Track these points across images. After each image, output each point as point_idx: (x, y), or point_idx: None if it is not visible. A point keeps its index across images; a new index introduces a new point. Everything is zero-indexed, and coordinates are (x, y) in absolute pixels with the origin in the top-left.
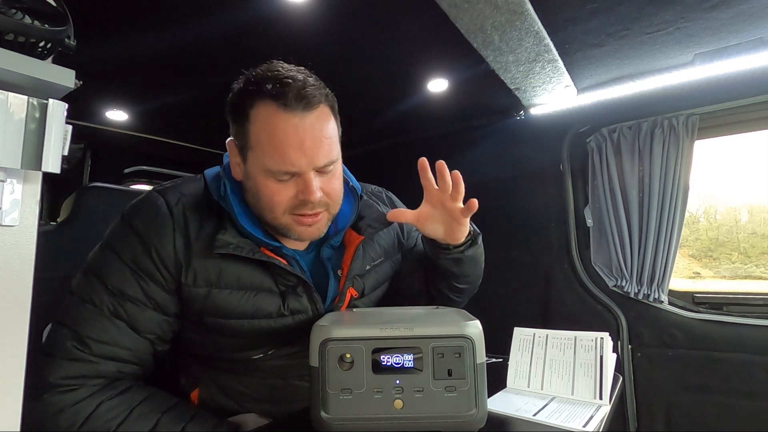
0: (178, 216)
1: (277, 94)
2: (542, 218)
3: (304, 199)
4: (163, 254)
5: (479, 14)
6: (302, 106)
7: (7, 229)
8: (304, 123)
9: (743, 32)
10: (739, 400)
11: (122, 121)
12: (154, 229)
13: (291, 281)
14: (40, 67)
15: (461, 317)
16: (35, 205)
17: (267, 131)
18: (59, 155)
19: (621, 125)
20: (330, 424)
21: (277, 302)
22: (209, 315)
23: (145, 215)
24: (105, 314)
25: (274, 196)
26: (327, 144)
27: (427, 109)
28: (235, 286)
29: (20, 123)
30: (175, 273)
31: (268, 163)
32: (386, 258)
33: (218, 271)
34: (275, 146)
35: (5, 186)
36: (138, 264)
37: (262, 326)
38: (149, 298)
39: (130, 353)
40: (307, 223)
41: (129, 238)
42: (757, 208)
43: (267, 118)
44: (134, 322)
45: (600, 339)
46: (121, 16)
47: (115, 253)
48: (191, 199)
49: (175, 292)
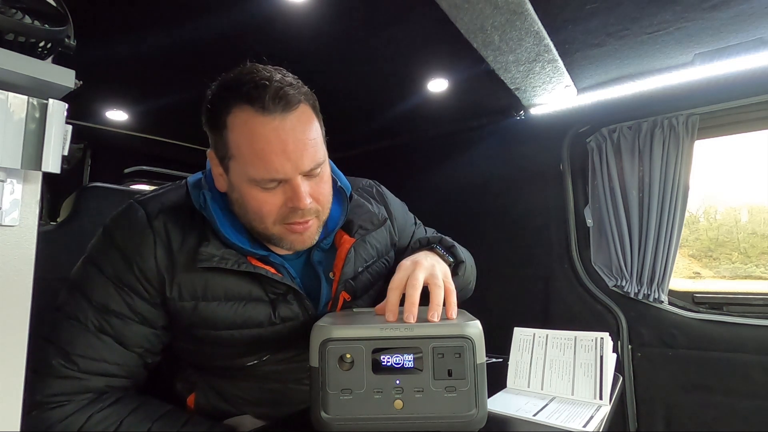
0: (159, 228)
1: (254, 97)
2: (542, 218)
3: (293, 207)
4: (144, 268)
5: (479, 14)
6: (281, 108)
7: (7, 229)
8: (284, 125)
9: (743, 32)
10: (739, 400)
11: (122, 121)
12: (133, 242)
13: (280, 289)
14: (40, 67)
15: (461, 317)
16: (35, 205)
17: (246, 138)
18: (59, 155)
19: (621, 125)
20: (330, 425)
21: (267, 311)
22: (198, 327)
23: (125, 228)
24: (90, 330)
25: (263, 206)
26: (312, 146)
27: (427, 109)
28: (222, 297)
29: (20, 123)
30: (159, 287)
31: (251, 171)
32: (379, 257)
33: (204, 283)
34: (257, 153)
35: (5, 186)
36: (120, 278)
37: (253, 335)
38: (135, 312)
39: (119, 368)
40: (298, 231)
41: (110, 252)
42: (757, 208)
43: (245, 124)
44: (121, 337)
45: (600, 339)
46: (120, 16)
47: (97, 267)
48: (172, 209)
49: (161, 306)
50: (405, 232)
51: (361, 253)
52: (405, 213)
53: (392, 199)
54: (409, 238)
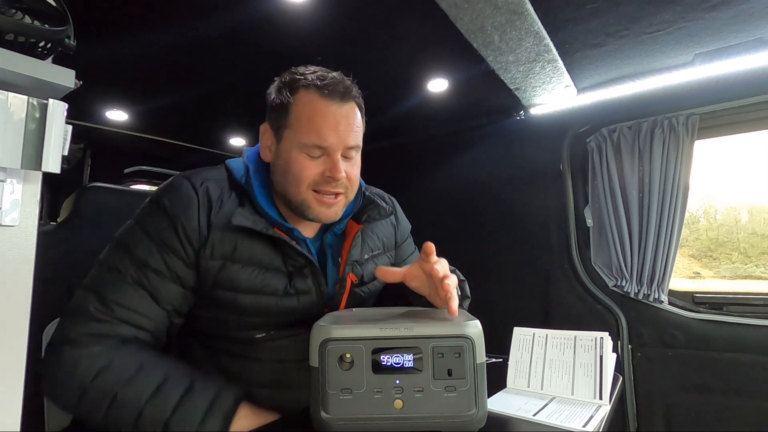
0: (202, 195)
1: (321, 84)
2: (542, 218)
3: (330, 176)
4: (188, 228)
5: (479, 14)
6: (340, 97)
7: (7, 229)
8: (340, 110)
9: (743, 32)
10: (739, 400)
11: (122, 121)
12: (181, 205)
13: (299, 262)
14: (40, 67)
15: (461, 317)
16: (35, 205)
17: (308, 112)
18: (59, 155)
19: (621, 125)
20: (330, 424)
21: (284, 281)
22: (221, 288)
23: (174, 195)
24: (128, 281)
25: (303, 170)
26: (355, 131)
27: (427, 109)
28: (247, 261)
29: (20, 123)
30: (197, 246)
31: (303, 138)
32: (384, 251)
33: (234, 245)
34: (313, 125)
35: (5, 186)
36: (163, 239)
37: (268, 304)
38: (171, 271)
39: (149, 322)
40: (327, 203)
41: (156, 216)
42: (757, 208)
43: (309, 102)
44: (155, 292)
45: (600, 339)
46: (120, 16)
47: (142, 228)
48: (213, 182)
49: (195, 266)
50: (406, 245)
51: (368, 242)
52: (409, 232)
53: (401, 212)
54: (409, 253)
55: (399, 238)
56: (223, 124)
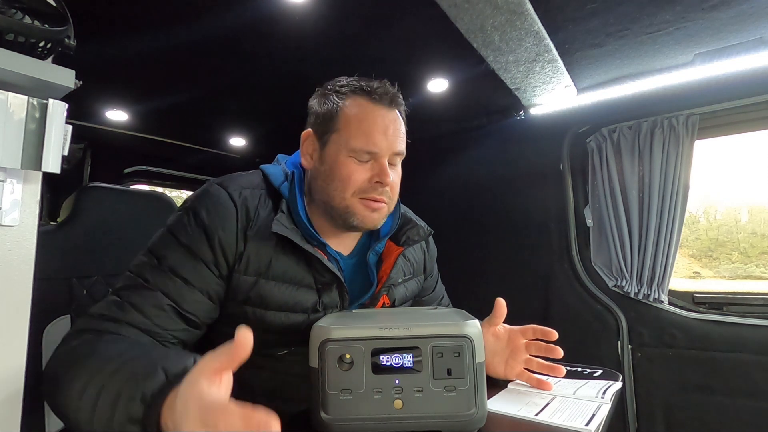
0: (241, 207)
1: (370, 90)
2: (542, 218)
3: (378, 182)
4: (225, 243)
5: (479, 14)
6: (388, 102)
7: (7, 229)
8: (389, 115)
9: (743, 32)
10: (739, 400)
11: (122, 121)
12: (218, 217)
13: (327, 278)
14: (40, 67)
15: (460, 317)
16: (35, 205)
17: (357, 116)
18: (59, 155)
19: (621, 125)
20: (330, 425)
21: (314, 298)
22: (252, 304)
23: (212, 206)
24: (151, 288)
25: (351, 175)
26: (402, 137)
27: (427, 109)
28: (280, 278)
29: (20, 123)
30: (231, 259)
31: (353, 142)
32: (414, 275)
33: (269, 261)
34: (363, 129)
35: (5, 186)
36: (196, 250)
37: (297, 321)
38: (200, 281)
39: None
40: (372, 208)
41: (191, 227)
42: (757, 208)
43: (359, 106)
44: (181, 301)
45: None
46: (121, 16)
47: (174, 237)
48: (250, 191)
49: (226, 279)
50: (433, 272)
51: (402, 266)
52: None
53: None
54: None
55: (428, 264)
56: (223, 124)
